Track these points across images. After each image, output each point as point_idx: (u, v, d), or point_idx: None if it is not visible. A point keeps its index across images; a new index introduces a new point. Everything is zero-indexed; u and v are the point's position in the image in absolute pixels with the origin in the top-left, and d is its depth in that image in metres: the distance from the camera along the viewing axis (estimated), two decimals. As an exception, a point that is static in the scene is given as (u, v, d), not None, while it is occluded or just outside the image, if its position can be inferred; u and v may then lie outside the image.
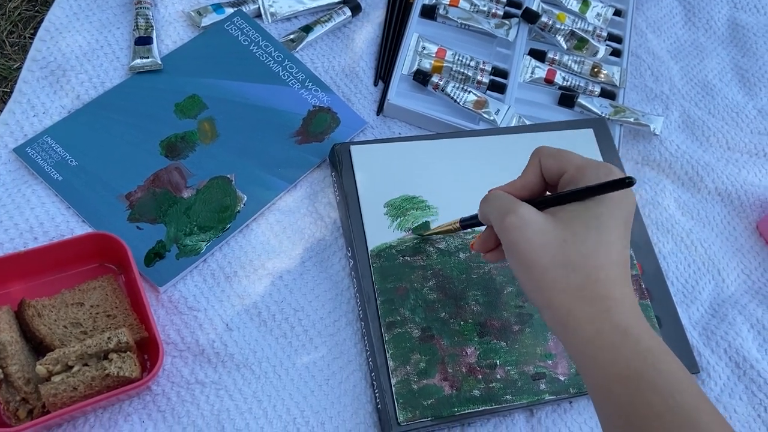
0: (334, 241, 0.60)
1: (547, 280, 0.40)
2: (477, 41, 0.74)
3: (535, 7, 0.76)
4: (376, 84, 0.70)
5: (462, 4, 0.74)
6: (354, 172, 0.58)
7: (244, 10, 0.69)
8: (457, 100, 0.67)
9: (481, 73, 0.70)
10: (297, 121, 0.64)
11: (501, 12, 0.75)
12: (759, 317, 0.63)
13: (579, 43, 0.74)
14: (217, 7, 0.68)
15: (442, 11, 0.73)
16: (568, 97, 0.71)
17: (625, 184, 0.39)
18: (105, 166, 0.58)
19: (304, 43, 0.69)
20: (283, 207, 0.60)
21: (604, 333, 0.39)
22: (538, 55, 0.73)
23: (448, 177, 0.60)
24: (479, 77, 0.69)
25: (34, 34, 0.70)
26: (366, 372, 0.55)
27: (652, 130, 0.70)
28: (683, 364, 0.39)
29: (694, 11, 0.84)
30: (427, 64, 0.69)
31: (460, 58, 0.70)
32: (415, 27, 0.72)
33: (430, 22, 0.73)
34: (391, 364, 0.52)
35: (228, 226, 0.57)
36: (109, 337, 0.47)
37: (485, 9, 0.75)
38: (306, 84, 0.66)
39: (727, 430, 0.37)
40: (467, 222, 0.52)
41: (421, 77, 0.68)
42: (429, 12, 0.73)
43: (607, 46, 0.75)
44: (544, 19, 0.74)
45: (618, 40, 0.78)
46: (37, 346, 0.49)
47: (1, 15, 0.77)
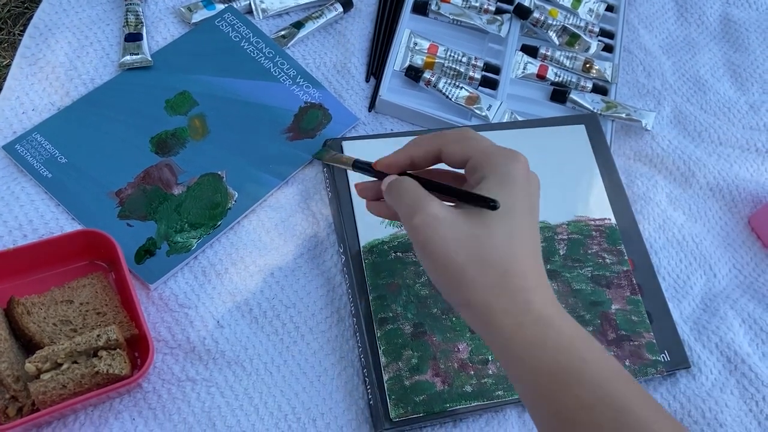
0: (326, 238, 0.60)
1: (465, 279, 0.39)
2: (469, 37, 0.74)
3: (527, 3, 0.76)
4: (367, 80, 0.70)
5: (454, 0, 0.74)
6: (346, 169, 0.58)
7: (235, 6, 0.69)
8: (449, 96, 0.67)
9: (473, 69, 0.70)
10: (288, 117, 0.63)
11: (493, 8, 0.75)
12: (750, 312, 0.63)
13: (571, 38, 0.74)
14: (208, 3, 0.68)
15: (434, 7, 0.72)
16: (560, 93, 0.71)
17: (489, 206, 0.39)
18: (95, 163, 0.57)
19: (296, 39, 0.69)
20: (274, 204, 0.60)
21: (526, 326, 0.38)
22: (530, 51, 0.73)
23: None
24: (471, 73, 0.69)
25: (23, 31, 0.69)
26: (358, 368, 0.55)
27: (643, 125, 0.70)
28: (675, 359, 0.39)
29: (686, 6, 0.84)
30: (419, 60, 0.69)
31: (452, 54, 0.70)
32: (407, 23, 0.72)
33: (422, 17, 0.73)
34: (383, 360, 0.52)
35: (219, 223, 0.57)
36: (98, 335, 0.46)
37: (477, 5, 0.75)
38: (297, 80, 0.66)
39: (661, 415, 0.37)
40: (360, 167, 0.50)
41: (413, 73, 0.68)
42: (421, 8, 0.73)
43: (599, 41, 0.75)
44: (536, 14, 0.74)
45: (610, 35, 0.78)
46: (27, 344, 0.49)
47: (-9, 12, 0.76)
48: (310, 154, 0.62)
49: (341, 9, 0.72)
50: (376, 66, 0.70)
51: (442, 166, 0.46)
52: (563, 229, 0.60)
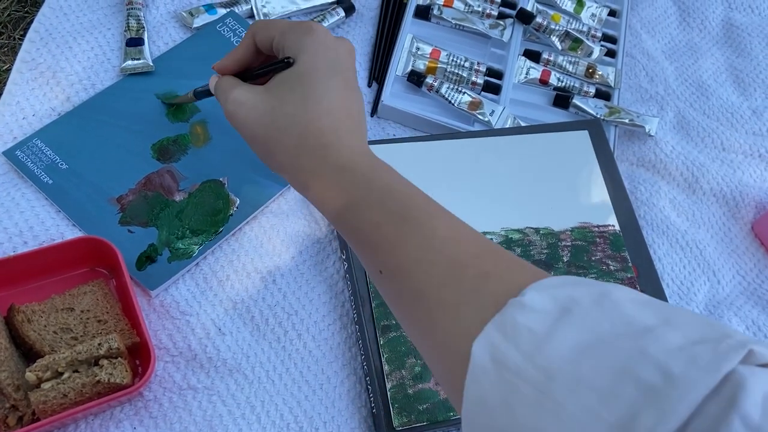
0: (328, 244, 0.59)
1: (269, 149, 0.42)
2: (471, 42, 0.73)
3: (529, 8, 0.75)
4: (370, 85, 0.70)
5: (456, 4, 0.74)
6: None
7: (237, 10, 0.68)
8: (452, 101, 0.67)
9: (475, 74, 0.69)
10: (290, 122, 0.63)
11: (495, 12, 0.75)
12: (754, 318, 0.63)
13: (574, 43, 0.74)
14: (210, 8, 0.68)
15: (436, 12, 0.72)
16: (563, 98, 0.70)
17: (285, 64, 0.42)
18: (96, 169, 0.57)
19: (298, 44, 0.68)
20: (276, 210, 0.60)
21: (325, 176, 0.41)
22: (533, 56, 0.73)
23: (443, 178, 0.60)
24: (474, 78, 0.69)
25: (23, 35, 0.69)
26: (361, 376, 0.54)
27: (647, 131, 0.70)
28: None
29: (688, 11, 0.83)
30: (421, 65, 0.69)
31: (455, 59, 0.70)
32: (409, 28, 0.72)
33: (425, 22, 0.73)
34: (386, 368, 0.52)
35: (221, 229, 0.57)
36: (99, 343, 0.46)
37: (479, 9, 0.74)
38: (299, 85, 0.65)
39: (446, 213, 0.39)
40: (201, 92, 0.54)
41: (415, 78, 0.68)
42: (423, 12, 0.73)
43: (601, 46, 0.75)
44: (539, 19, 0.73)
45: (613, 40, 0.77)
46: (27, 352, 0.48)
47: (-9, 16, 0.76)
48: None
49: (343, 14, 0.71)
50: (378, 71, 0.70)
51: None
52: (567, 236, 0.59)
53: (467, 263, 0.35)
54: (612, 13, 0.79)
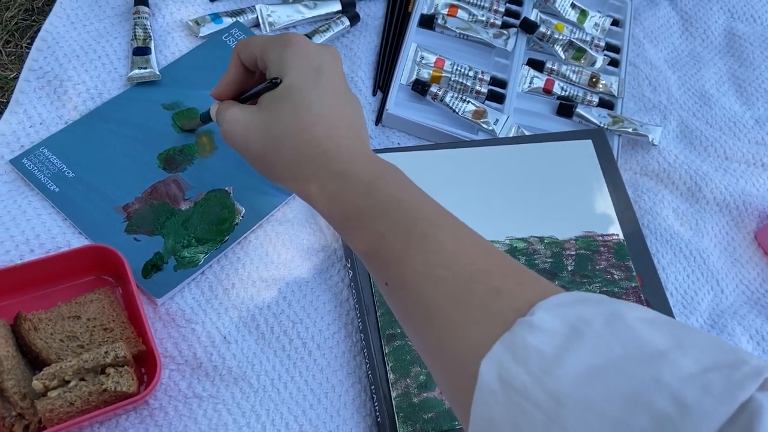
0: (333, 253, 0.60)
1: (268, 163, 0.42)
2: (475, 51, 0.74)
3: (533, 18, 0.76)
4: (374, 94, 0.70)
5: (460, 14, 0.74)
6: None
7: (242, 20, 0.69)
8: (456, 110, 0.67)
9: (479, 83, 0.70)
10: (295, 131, 0.63)
11: (499, 22, 0.75)
12: (758, 328, 0.63)
13: (577, 53, 0.74)
14: (215, 17, 0.68)
15: (440, 21, 0.73)
16: (566, 107, 0.71)
17: (273, 85, 0.42)
18: (102, 178, 0.57)
19: (303, 53, 0.69)
20: (281, 218, 0.60)
21: (327, 185, 0.40)
22: (537, 65, 0.73)
23: (447, 187, 0.60)
24: (478, 87, 0.69)
25: (31, 44, 0.70)
26: (366, 385, 0.54)
27: (650, 140, 0.70)
28: None
29: (691, 21, 0.84)
30: (425, 74, 0.69)
31: (459, 68, 0.70)
32: (414, 37, 0.72)
33: (429, 32, 0.73)
34: (391, 376, 0.52)
35: (226, 238, 0.57)
36: (106, 352, 0.46)
37: (483, 19, 0.75)
38: (304, 94, 0.66)
39: (454, 223, 0.38)
40: (207, 118, 0.54)
41: (419, 87, 0.68)
42: (427, 22, 0.73)
43: (605, 56, 0.75)
44: (543, 29, 0.74)
45: (616, 50, 0.78)
46: (34, 360, 0.49)
47: (-2, 24, 0.76)
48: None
49: (348, 23, 0.72)
50: (382, 80, 0.70)
51: None
52: (571, 245, 0.60)
53: (476, 279, 0.35)
54: (615, 22, 0.79)
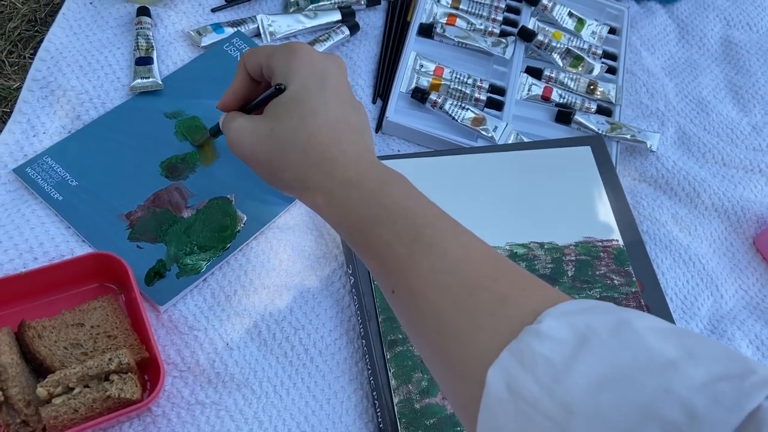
0: (334, 259, 0.60)
1: (274, 169, 0.42)
2: (474, 59, 0.74)
3: (531, 26, 0.77)
4: (374, 102, 0.71)
5: (459, 22, 0.75)
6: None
7: (243, 30, 0.70)
8: (456, 118, 0.68)
9: (478, 90, 0.70)
10: (296, 139, 0.64)
11: (497, 30, 0.76)
12: (757, 333, 0.63)
13: (575, 60, 0.75)
14: (217, 27, 0.69)
15: (439, 30, 0.73)
16: (564, 114, 0.71)
17: (278, 91, 0.42)
18: (105, 186, 0.58)
19: (303, 62, 0.70)
20: (283, 225, 0.60)
21: (333, 192, 0.40)
22: (535, 73, 0.74)
23: (447, 194, 0.60)
24: (477, 94, 0.70)
25: (34, 54, 0.70)
26: (368, 390, 0.54)
27: (648, 146, 0.71)
28: None
29: (687, 29, 0.85)
30: (425, 82, 0.70)
31: (458, 76, 0.71)
32: (413, 45, 0.73)
33: (428, 40, 0.74)
34: (393, 382, 0.52)
35: (228, 245, 0.57)
36: (110, 359, 0.46)
37: (482, 27, 0.76)
38: (305, 103, 0.66)
39: (459, 230, 0.38)
40: (216, 131, 0.56)
41: (419, 95, 0.68)
42: (426, 30, 0.74)
43: (602, 63, 0.76)
44: (540, 37, 0.75)
45: (613, 57, 0.78)
46: (38, 368, 0.49)
47: (1, 35, 0.77)
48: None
49: (348, 32, 0.72)
50: (382, 88, 0.71)
51: None
52: (571, 251, 0.60)
53: (482, 286, 0.35)
54: (612, 30, 0.80)
